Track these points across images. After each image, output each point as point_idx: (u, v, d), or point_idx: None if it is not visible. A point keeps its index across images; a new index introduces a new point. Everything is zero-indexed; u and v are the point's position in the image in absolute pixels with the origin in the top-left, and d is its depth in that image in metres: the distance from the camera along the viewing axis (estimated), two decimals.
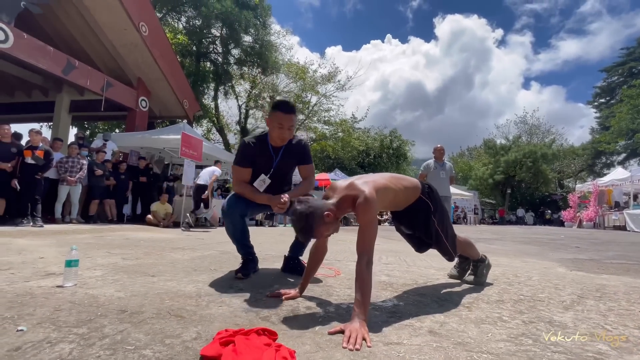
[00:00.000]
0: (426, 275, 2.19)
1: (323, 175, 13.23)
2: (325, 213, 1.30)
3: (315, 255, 1.58)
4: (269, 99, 19.34)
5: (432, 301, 1.55)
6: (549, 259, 3.35)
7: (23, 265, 2.05)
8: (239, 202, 1.88)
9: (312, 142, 19.92)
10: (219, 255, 2.81)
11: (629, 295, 1.77)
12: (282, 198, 1.81)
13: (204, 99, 17.55)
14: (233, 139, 21.08)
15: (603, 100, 30.42)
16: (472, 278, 1.92)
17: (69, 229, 4.82)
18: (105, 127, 15.23)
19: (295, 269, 2.10)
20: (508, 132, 30.49)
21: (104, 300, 1.36)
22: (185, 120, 10.46)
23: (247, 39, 16.91)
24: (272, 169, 1.93)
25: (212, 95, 18.64)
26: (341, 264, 2.49)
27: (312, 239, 1.36)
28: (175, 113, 10.80)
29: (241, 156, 1.93)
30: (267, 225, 9.00)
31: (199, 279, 1.83)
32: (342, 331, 1.07)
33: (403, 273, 2.24)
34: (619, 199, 14.09)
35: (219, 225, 7.05)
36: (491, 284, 1.95)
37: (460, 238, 1.83)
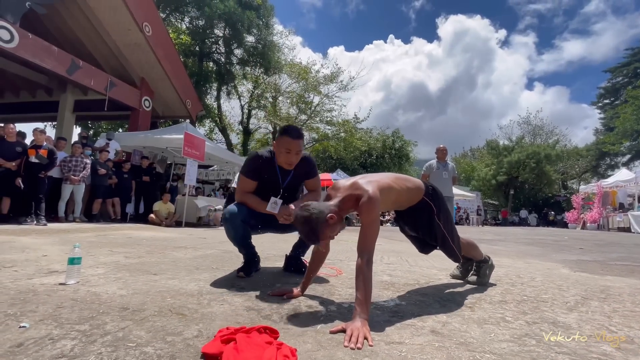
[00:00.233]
0: (428, 275, 2.18)
1: (325, 176, 13.23)
2: (329, 215, 1.28)
3: (317, 255, 1.57)
4: (271, 99, 19.39)
5: (435, 301, 1.54)
6: (553, 260, 3.33)
7: (26, 262, 2.06)
8: (240, 209, 1.85)
9: (315, 143, 19.92)
10: (220, 254, 2.82)
11: (634, 296, 1.75)
12: (289, 208, 1.80)
13: (207, 99, 17.61)
14: (235, 139, 21.18)
15: (607, 101, 30.19)
16: (475, 278, 1.92)
17: (72, 228, 4.85)
18: (108, 127, 15.30)
19: (297, 268, 2.10)
20: (511, 133, 30.45)
21: (106, 297, 1.37)
22: (187, 120, 10.49)
23: (250, 39, 16.94)
24: (281, 189, 1.92)
25: (215, 95, 18.72)
26: (343, 264, 2.49)
27: (319, 242, 1.34)
28: (178, 113, 10.85)
29: (250, 168, 1.90)
30: None
31: (201, 278, 1.83)
32: (344, 330, 1.06)
33: (405, 273, 2.23)
34: (623, 200, 13.99)
35: (221, 225, 7.05)
36: (494, 284, 1.94)
37: (464, 239, 1.82)
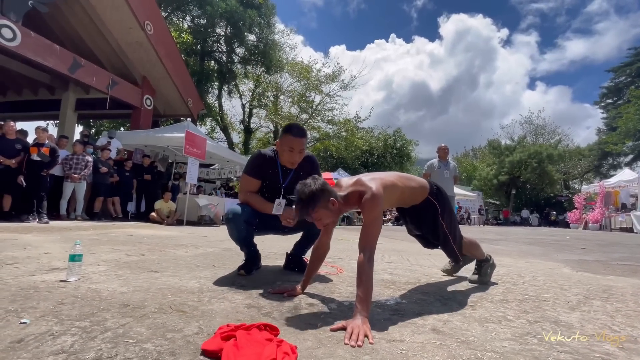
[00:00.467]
0: (429, 274, 2.18)
1: (326, 175, 13.22)
2: (332, 199, 1.30)
3: (318, 253, 1.57)
4: (272, 98, 19.39)
5: (436, 300, 1.53)
6: (554, 259, 3.32)
7: (28, 260, 2.07)
8: (244, 210, 1.83)
9: (316, 142, 19.90)
10: (221, 252, 2.82)
11: (637, 296, 1.74)
12: (292, 212, 1.77)
13: (208, 98, 17.62)
14: (237, 137, 21.19)
15: (610, 100, 30.05)
16: (476, 277, 1.91)
17: (74, 226, 4.86)
18: (110, 125, 15.35)
19: (297, 266, 2.10)
20: (513, 133, 30.39)
21: (106, 294, 1.37)
22: (189, 119, 10.50)
23: (252, 38, 16.94)
24: (282, 189, 1.89)
25: (216, 94, 18.74)
26: (344, 262, 2.49)
27: (309, 218, 1.32)
28: (180, 111, 10.86)
29: (253, 167, 1.88)
30: None
31: (202, 275, 1.83)
32: (344, 328, 1.06)
33: (406, 272, 2.22)
34: (625, 200, 13.92)
35: (222, 224, 7.07)
36: (495, 283, 1.93)
37: (466, 238, 1.82)
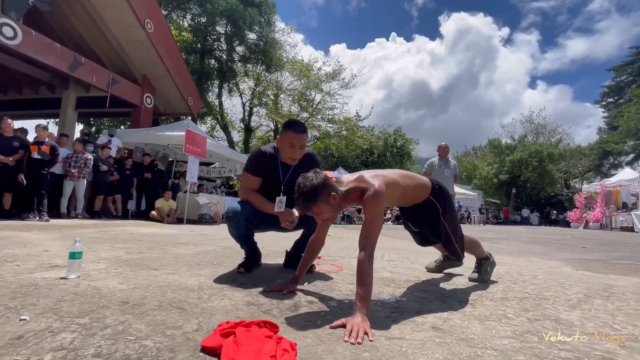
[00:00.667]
0: (429, 272, 2.17)
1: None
2: (333, 194, 1.29)
3: (312, 246, 1.56)
4: (273, 96, 19.38)
5: (435, 298, 1.53)
6: (555, 258, 3.31)
7: (28, 257, 2.07)
8: (244, 208, 1.82)
9: (316, 141, 19.90)
10: (221, 250, 2.81)
11: (638, 295, 1.74)
12: (294, 214, 1.76)
13: (208, 97, 17.61)
14: (237, 136, 21.20)
15: (611, 99, 29.98)
16: (477, 275, 1.90)
17: (74, 224, 4.86)
18: (110, 124, 15.35)
19: (297, 264, 2.09)
20: (514, 132, 30.36)
21: (106, 292, 1.37)
22: (189, 117, 10.49)
23: (252, 36, 16.93)
24: (282, 186, 1.87)
25: (217, 92, 18.74)
26: (344, 261, 2.48)
27: (309, 212, 1.32)
28: (180, 110, 10.85)
29: (254, 164, 1.87)
30: None
31: (201, 273, 1.83)
32: (344, 325, 1.06)
33: (406, 270, 2.22)
34: (626, 199, 13.90)
35: (222, 222, 7.07)
36: (495, 282, 1.93)
37: (466, 237, 1.82)
